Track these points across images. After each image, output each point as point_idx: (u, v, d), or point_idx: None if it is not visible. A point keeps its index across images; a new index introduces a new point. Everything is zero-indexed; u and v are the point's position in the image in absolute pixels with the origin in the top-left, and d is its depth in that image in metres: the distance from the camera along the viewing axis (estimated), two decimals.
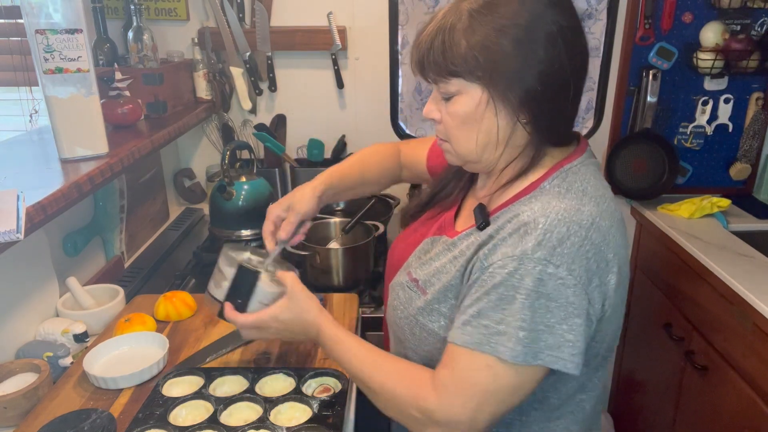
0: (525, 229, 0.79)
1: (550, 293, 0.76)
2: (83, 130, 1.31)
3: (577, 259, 0.77)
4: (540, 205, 0.81)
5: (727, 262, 1.64)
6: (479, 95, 0.82)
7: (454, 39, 0.80)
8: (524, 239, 0.78)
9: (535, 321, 0.76)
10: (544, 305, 0.76)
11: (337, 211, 2.03)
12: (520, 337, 0.76)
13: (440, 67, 0.82)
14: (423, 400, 0.82)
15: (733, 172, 2.16)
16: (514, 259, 0.77)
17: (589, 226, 0.79)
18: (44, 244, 1.34)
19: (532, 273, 0.76)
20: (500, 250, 0.80)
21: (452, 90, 0.84)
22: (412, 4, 2.06)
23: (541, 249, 0.76)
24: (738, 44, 1.94)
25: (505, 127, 0.84)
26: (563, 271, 0.76)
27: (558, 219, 0.78)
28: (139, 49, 1.76)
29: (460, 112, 0.85)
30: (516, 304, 0.76)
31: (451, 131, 0.88)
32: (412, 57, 0.87)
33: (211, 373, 1.12)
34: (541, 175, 0.87)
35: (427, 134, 2.21)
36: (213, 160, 2.21)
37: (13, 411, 1.05)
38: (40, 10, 1.20)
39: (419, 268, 0.94)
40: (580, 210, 0.80)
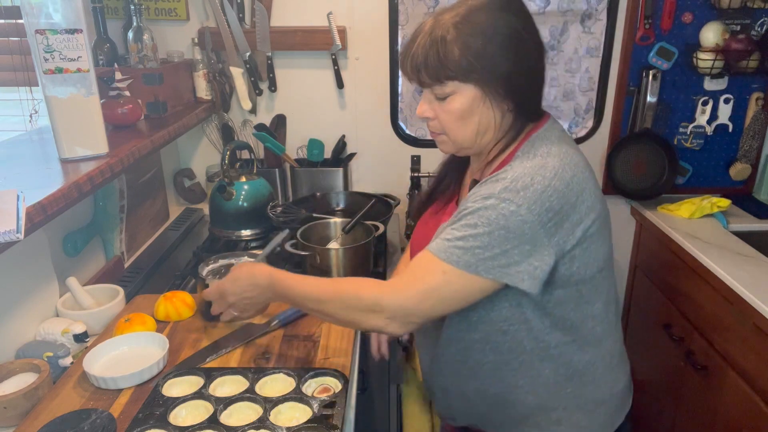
0: (496, 178, 0.95)
1: (509, 226, 0.91)
2: (83, 130, 1.31)
3: (539, 201, 0.91)
4: (516, 165, 0.96)
5: (727, 262, 1.64)
6: (473, 93, 0.97)
7: (448, 48, 0.94)
8: (495, 185, 0.94)
9: (491, 244, 0.91)
10: (503, 235, 0.91)
11: (337, 211, 2.03)
12: (475, 253, 0.92)
13: (438, 73, 0.96)
14: (373, 294, 0.97)
15: (733, 172, 2.16)
16: (484, 197, 0.93)
17: (552, 177, 0.93)
18: (44, 244, 1.34)
19: (496, 208, 0.92)
20: (476, 194, 0.95)
21: (447, 91, 0.98)
22: (412, 4, 2.06)
23: (506, 191, 0.92)
24: (738, 44, 1.94)
25: (495, 115, 1.00)
26: (523, 210, 0.91)
27: (524, 172, 0.94)
28: (139, 49, 1.76)
29: (457, 109, 0.99)
30: (478, 228, 0.92)
31: (447, 125, 1.02)
32: (405, 67, 1.01)
33: (211, 373, 1.12)
34: (515, 145, 1.02)
35: (426, 134, 2.21)
36: (213, 160, 2.21)
37: (13, 411, 1.05)
38: (40, 10, 1.20)
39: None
40: (544, 166, 0.95)
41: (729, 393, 1.59)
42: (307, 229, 1.65)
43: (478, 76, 0.95)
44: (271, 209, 1.79)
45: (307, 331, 1.30)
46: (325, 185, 2.11)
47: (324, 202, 2.03)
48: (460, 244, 0.93)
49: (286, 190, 2.16)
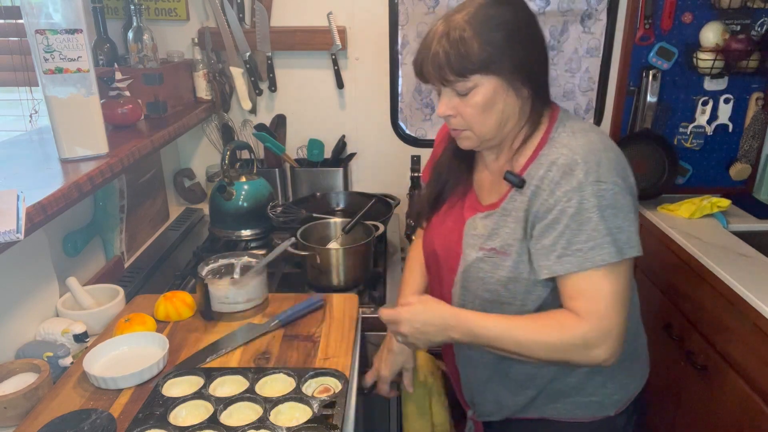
0: (569, 168, 0.99)
1: (609, 203, 0.98)
2: (83, 130, 1.31)
3: (612, 171, 0.99)
4: (566, 149, 1.02)
5: (727, 262, 1.64)
6: (495, 83, 1.02)
7: (468, 44, 0.98)
8: (574, 174, 0.98)
9: (609, 226, 0.97)
10: (611, 213, 0.98)
11: (337, 211, 2.03)
12: (609, 242, 0.97)
13: (461, 68, 1.00)
14: (578, 331, 0.99)
15: (733, 172, 2.16)
16: (575, 190, 0.98)
17: (604, 148, 1.01)
18: (44, 244, 1.34)
19: (592, 192, 0.97)
20: (559, 191, 1.00)
21: (470, 85, 1.02)
22: (412, 4, 2.06)
23: (590, 175, 0.98)
24: (738, 44, 1.94)
25: (516, 102, 1.05)
26: (611, 184, 0.98)
27: (586, 151, 1.00)
28: (139, 49, 1.76)
29: (481, 101, 1.03)
30: (593, 220, 0.97)
31: (471, 119, 1.05)
32: (426, 69, 1.04)
33: (211, 373, 1.12)
34: (544, 129, 1.08)
35: (426, 134, 2.21)
36: (213, 160, 2.21)
37: (13, 411, 1.05)
38: (40, 10, 1.20)
39: (488, 240, 1.10)
40: (591, 141, 1.02)
41: (729, 393, 1.59)
42: (307, 229, 1.65)
43: (499, 66, 1.00)
44: (271, 209, 1.79)
45: (307, 331, 1.30)
46: (325, 185, 2.11)
47: (324, 202, 2.03)
48: (591, 244, 0.97)
49: (286, 190, 2.16)
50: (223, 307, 1.33)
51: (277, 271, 1.69)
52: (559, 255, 1.00)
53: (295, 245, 1.52)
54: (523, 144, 1.08)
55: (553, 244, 1.00)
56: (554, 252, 1.00)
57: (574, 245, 0.98)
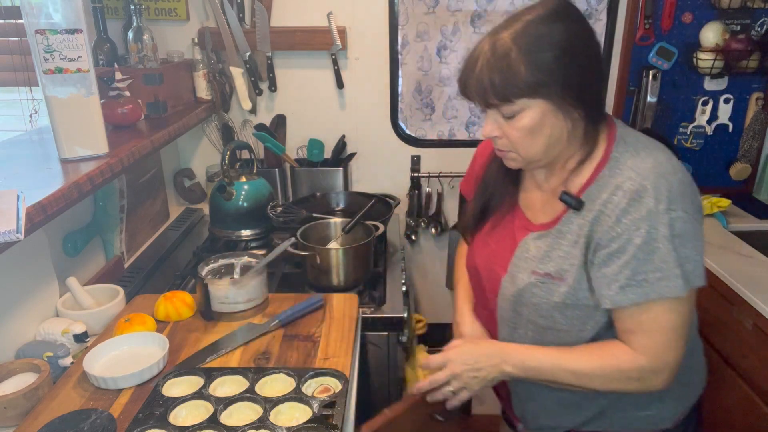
0: (638, 194, 0.94)
1: (680, 232, 0.93)
2: (83, 130, 1.31)
3: (683, 197, 0.95)
4: (633, 173, 0.96)
5: (727, 262, 1.64)
6: (543, 107, 0.95)
7: (513, 66, 0.92)
8: (643, 201, 0.94)
9: (679, 257, 0.93)
10: (680, 243, 0.93)
11: (337, 211, 2.03)
12: (677, 274, 0.93)
13: (505, 92, 0.94)
14: (634, 365, 0.98)
15: (733, 172, 2.16)
16: (644, 219, 0.93)
17: (673, 171, 0.96)
18: (44, 244, 1.34)
19: (663, 221, 0.93)
20: (626, 219, 0.95)
21: (516, 109, 0.96)
22: (412, 4, 2.06)
23: (660, 203, 0.93)
24: (738, 44, 1.94)
25: (566, 125, 0.98)
26: (680, 212, 0.93)
27: (655, 176, 0.95)
28: (139, 49, 1.76)
29: (527, 125, 0.97)
30: (662, 251, 0.93)
31: (517, 142, 1.00)
32: (468, 91, 0.99)
33: (211, 373, 1.12)
34: (602, 148, 1.02)
35: (426, 134, 2.21)
36: (213, 160, 2.21)
37: (13, 411, 1.05)
38: (40, 10, 1.20)
39: (540, 263, 1.05)
40: (660, 162, 0.97)
41: (729, 393, 1.59)
42: (307, 229, 1.65)
43: (547, 90, 0.93)
44: (271, 209, 1.79)
45: (307, 331, 1.30)
46: (325, 185, 2.11)
47: (324, 202, 2.03)
48: (658, 275, 0.93)
49: (286, 190, 2.16)
50: (223, 307, 1.33)
51: (277, 271, 1.69)
52: (622, 285, 0.96)
53: (295, 245, 1.52)
54: (579, 164, 1.02)
55: (616, 274, 0.96)
56: (617, 282, 0.96)
57: (640, 275, 0.94)
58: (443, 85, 2.16)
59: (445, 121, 2.21)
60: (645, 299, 0.94)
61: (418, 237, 2.30)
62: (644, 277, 0.94)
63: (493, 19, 2.07)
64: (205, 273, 1.37)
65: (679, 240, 0.93)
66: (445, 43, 2.11)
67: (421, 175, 2.18)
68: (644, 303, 0.95)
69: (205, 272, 1.37)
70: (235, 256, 1.44)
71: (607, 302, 0.98)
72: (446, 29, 2.09)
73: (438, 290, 2.38)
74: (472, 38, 2.10)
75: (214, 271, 1.40)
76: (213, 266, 1.41)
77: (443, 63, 2.13)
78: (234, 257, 1.44)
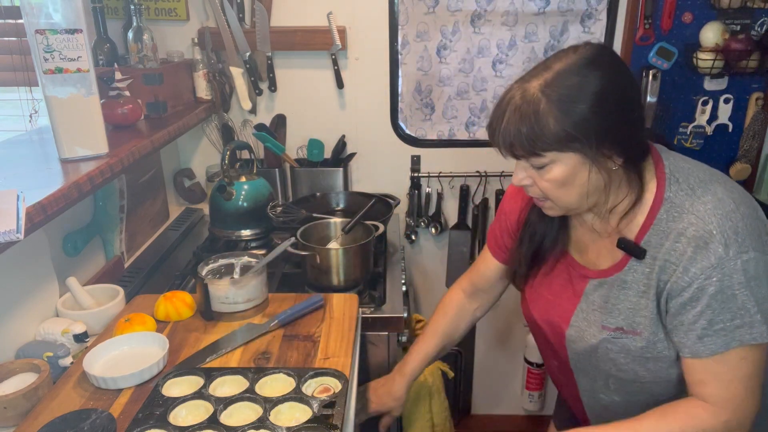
0: (703, 241, 0.90)
1: (755, 274, 0.89)
2: (83, 130, 1.31)
3: (751, 236, 0.90)
4: (694, 217, 0.92)
5: None
6: (574, 160, 0.91)
7: (541, 121, 0.88)
8: (710, 248, 0.89)
9: (758, 301, 0.89)
10: (756, 284, 0.89)
11: (337, 211, 2.03)
12: (759, 320, 0.89)
13: (533, 147, 0.90)
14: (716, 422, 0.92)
15: (733, 172, 2.16)
16: (715, 267, 0.89)
17: (736, 207, 0.91)
18: (44, 244, 1.34)
19: (736, 268, 0.88)
20: (694, 267, 0.90)
21: (546, 161, 0.92)
22: (412, 4, 2.06)
23: (729, 248, 0.88)
24: (738, 44, 1.94)
25: (601, 176, 0.93)
26: (752, 253, 0.88)
27: (718, 217, 0.90)
28: (139, 49, 1.76)
29: (559, 178, 0.93)
30: (739, 298, 0.89)
31: (549, 193, 0.96)
32: (496, 142, 0.95)
33: (211, 373, 1.12)
34: (653, 189, 0.97)
35: (426, 134, 2.21)
36: (213, 160, 2.21)
37: (13, 411, 1.05)
38: (40, 10, 1.20)
39: (608, 318, 1.01)
40: (720, 200, 0.92)
41: None
42: (307, 229, 1.65)
43: (578, 144, 0.89)
44: (271, 209, 1.79)
45: (307, 331, 1.30)
46: (325, 185, 2.11)
47: (324, 202, 2.03)
48: (737, 322, 0.89)
49: (286, 190, 2.16)
50: (223, 307, 1.33)
51: (277, 271, 1.69)
52: (699, 335, 0.91)
53: (295, 245, 1.52)
54: (631, 209, 0.97)
55: (692, 323, 0.92)
56: (693, 331, 0.92)
57: (717, 324, 0.90)
58: (443, 85, 2.16)
59: (445, 121, 2.21)
60: (725, 349, 0.90)
61: (418, 237, 2.30)
62: (722, 326, 0.90)
63: (493, 20, 2.07)
64: (205, 273, 1.37)
65: (756, 282, 0.89)
66: (445, 43, 2.11)
67: (421, 175, 2.18)
68: (724, 353, 0.90)
69: (205, 272, 1.37)
70: (235, 256, 1.44)
71: (687, 351, 0.94)
72: (446, 29, 2.09)
73: (438, 290, 2.38)
74: (472, 38, 2.10)
75: (214, 271, 1.40)
76: (213, 266, 1.41)
77: (443, 63, 2.13)
78: (234, 257, 1.44)
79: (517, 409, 2.57)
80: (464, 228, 2.24)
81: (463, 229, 2.24)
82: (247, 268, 1.40)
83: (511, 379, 2.54)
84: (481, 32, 2.09)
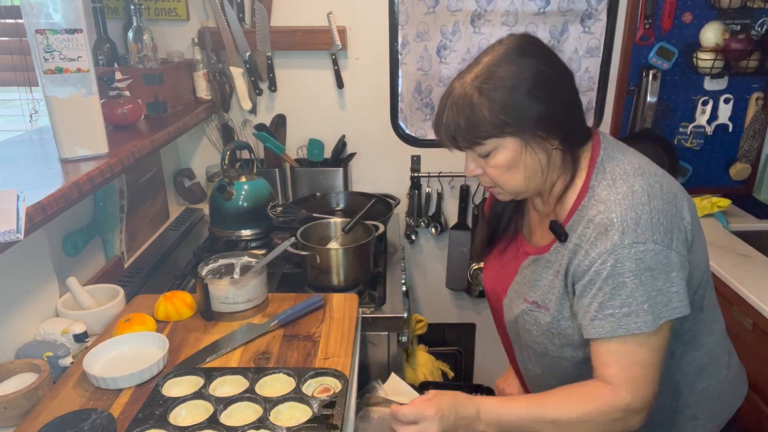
0: (605, 227, 0.94)
1: (649, 265, 0.91)
2: (83, 130, 1.31)
3: (654, 228, 0.92)
4: (603, 206, 0.96)
5: (727, 262, 1.64)
6: (513, 144, 0.97)
7: (476, 112, 0.94)
8: (609, 235, 0.93)
9: (648, 291, 0.92)
10: (649, 276, 0.91)
11: (337, 211, 2.03)
12: (645, 309, 0.92)
13: (473, 137, 0.96)
14: (618, 403, 0.94)
15: (733, 172, 2.16)
16: (609, 253, 0.92)
17: (648, 200, 0.94)
18: (44, 244, 1.34)
19: (629, 256, 0.91)
20: (594, 252, 0.94)
21: (488, 149, 0.98)
22: (412, 4, 2.06)
23: (626, 236, 0.92)
24: (738, 44, 1.94)
25: (542, 158, 0.99)
26: (650, 244, 0.91)
27: (623, 207, 0.93)
28: (139, 49, 1.76)
29: (502, 162, 0.98)
30: (628, 286, 0.92)
31: (497, 179, 1.02)
32: (440, 136, 1.01)
33: (211, 373, 1.12)
34: (583, 176, 1.01)
35: (426, 134, 2.22)
36: (213, 160, 2.21)
37: (13, 411, 1.05)
38: (40, 10, 1.20)
39: (530, 292, 1.08)
40: (633, 192, 0.95)
41: None
42: (307, 229, 1.65)
43: (513, 129, 0.95)
44: (271, 209, 1.79)
45: (307, 331, 1.30)
46: (325, 185, 2.11)
47: (324, 202, 2.03)
48: (625, 310, 0.92)
49: (286, 190, 2.16)
50: (223, 307, 1.33)
51: (277, 271, 1.69)
52: (592, 317, 0.95)
53: (295, 245, 1.52)
54: (563, 193, 1.03)
55: (587, 305, 0.96)
56: (588, 313, 0.96)
57: (607, 309, 0.94)
58: (443, 85, 2.16)
59: None
60: (612, 334, 0.93)
61: (418, 237, 2.30)
62: (611, 312, 0.93)
63: (493, 20, 2.07)
64: (205, 273, 1.37)
65: (648, 273, 0.92)
66: (445, 43, 2.11)
67: (421, 175, 2.18)
68: (614, 338, 0.94)
69: (205, 272, 1.37)
70: (235, 256, 1.44)
71: (584, 332, 0.98)
72: (446, 29, 2.09)
73: (438, 290, 2.38)
74: (472, 38, 2.10)
75: (214, 271, 1.40)
76: (213, 266, 1.41)
77: (443, 63, 2.13)
78: (234, 257, 1.44)
79: None
80: (464, 228, 2.24)
81: (463, 229, 2.24)
82: (247, 268, 1.40)
83: None
84: (481, 32, 2.09)
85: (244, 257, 1.43)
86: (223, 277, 1.39)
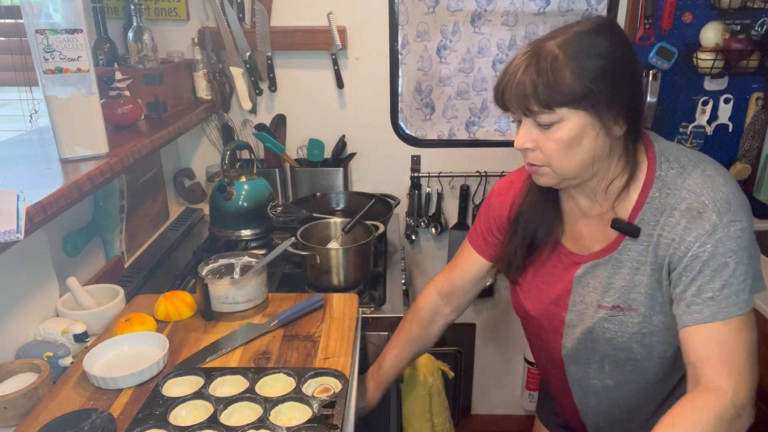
0: (698, 211, 0.92)
1: (746, 243, 0.92)
2: (83, 130, 1.31)
3: (741, 206, 0.93)
4: (686, 192, 0.95)
5: None
6: (583, 120, 0.92)
7: (558, 74, 0.89)
8: (704, 217, 0.92)
9: (746, 270, 0.91)
10: (747, 254, 0.91)
11: (337, 211, 2.03)
12: (743, 289, 0.91)
13: (548, 100, 0.91)
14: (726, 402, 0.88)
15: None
16: (709, 234, 0.91)
17: (725, 181, 0.95)
18: (44, 244, 1.34)
19: (729, 235, 0.91)
20: (689, 237, 0.92)
21: (555, 119, 0.92)
22: (412, 4, 2.06)
23: (723, 215, 0.91)
24: (738, 44, 1.94)
25: (606, 141, 0.95)
26: (745, 223, 0.92)
27: (709, 190, 0.93)
28: (139, 49, 1.76)
29: (565, 137, 0.93)
30: (730, 266, 0.90)
31: (552, 156, 0.96)
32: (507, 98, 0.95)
33: (211, 373, 1.12)
34: (645, 168, 0.99)
35: (426, 134, 2.21)
36: (213, 160, 2.21)
37: (13, 411, 1.05)
38: (40, 10, 1.20)
39: (604, 297, 1.03)
40: (709, 176, 0.95)
41: None
42: (307, 229, 1.65)
43: (592, 102, 0.90)
44: (271, 209, 1.79)
45: (307, 331, 1.30)
46: (325, 185, 2.11)
47: (324, 202, 2.03)
48: (726, 292, 0.90)
49: (286, 190, 2.16)
50: (223, 307, 1.33)
51: (277, 271, 1.69)
52: (688, 303, 0.92)
53: (295, 245, 1.52)
54: (625, 187, 0.99)
55: (681, 292, 0.93)
56: (683, 301, 0.93)
57: (706, 293, 0.91)
58: (443, 85, 2.16)
59: (445, 121, 2.21)
60: (713, 319, 0.90)
61: (418, 237, 2.30)
62: (710, 295, 0.91)
63: (493, 20, 2.07)
64: (205, 273, 1.37)
65: (747, 252, 0.91)
66: (445, 43, 2.11)
67: (421, 175, 2.18)
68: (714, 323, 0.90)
69: (205, 272, 1.37)
70: (235, 256, 1.44)
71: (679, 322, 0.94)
72: (446, 29, 2.09)
73: None
74: (472, 38, 2.10)
75: (214, 271, 1.40)
76: (213, 266, 1.41)
77: (443, 63, 2.13)
78: (234, 257, 1.44)
79: (517, 409, 2.58)
80: (464, 228, 2.24)
81: (463, 229, 2.24)
82: (247, 268, 1.40)
83: (511, 379, 2.54)
84: (482, 32, 2.09)
85: (244, 257, 1.43)
86: (223, 277, 1.39)
